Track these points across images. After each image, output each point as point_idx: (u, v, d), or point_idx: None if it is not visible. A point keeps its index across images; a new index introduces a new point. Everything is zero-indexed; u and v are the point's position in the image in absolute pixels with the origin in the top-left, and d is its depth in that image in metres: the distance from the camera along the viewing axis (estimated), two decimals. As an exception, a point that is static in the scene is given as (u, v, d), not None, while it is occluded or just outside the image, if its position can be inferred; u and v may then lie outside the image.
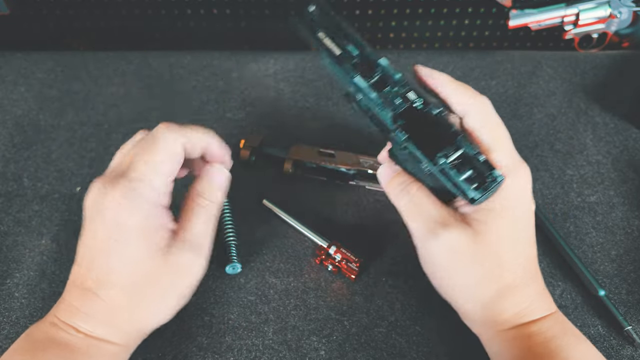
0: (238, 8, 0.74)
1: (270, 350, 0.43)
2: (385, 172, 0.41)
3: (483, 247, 0.36)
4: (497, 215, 0.36)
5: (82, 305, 0.36)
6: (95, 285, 0.36)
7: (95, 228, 0.36)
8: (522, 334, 0.37)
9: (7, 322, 0.44)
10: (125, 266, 0.36)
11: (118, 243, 0.35)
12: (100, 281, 0.36)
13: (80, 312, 0.36)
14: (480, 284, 0.36)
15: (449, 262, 0.36)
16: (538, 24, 0.65)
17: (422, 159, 0.34)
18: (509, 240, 0.37)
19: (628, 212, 0.53)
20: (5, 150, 0.55)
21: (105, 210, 0.35)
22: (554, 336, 0.36)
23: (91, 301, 0.36)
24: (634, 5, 0.65)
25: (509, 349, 0.37)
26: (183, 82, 0.62)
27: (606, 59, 0.67)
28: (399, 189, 0.39)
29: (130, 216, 0.35)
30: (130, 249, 0.36)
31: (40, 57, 0.63)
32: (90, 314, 0.36)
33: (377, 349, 0.43)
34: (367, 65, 0.35)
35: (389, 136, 0.37)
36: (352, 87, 0.36)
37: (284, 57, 0.65)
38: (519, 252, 0.37)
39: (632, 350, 0.44)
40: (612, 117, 0.61)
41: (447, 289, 0.38)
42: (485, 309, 0.37)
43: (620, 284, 0.48)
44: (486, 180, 0.33)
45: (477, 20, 0.77)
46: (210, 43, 0.79)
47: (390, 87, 0.35)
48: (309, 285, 0.47)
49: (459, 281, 0.37)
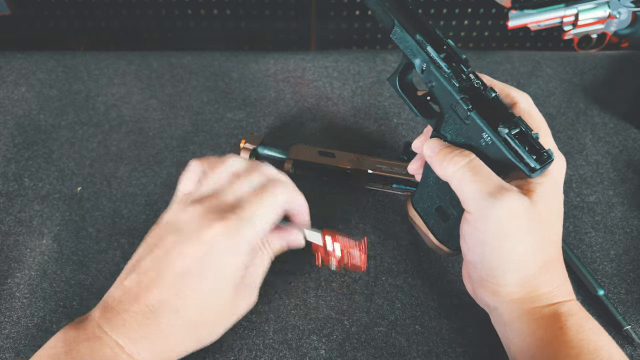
0: (238, 8, 0.74)
1: (271, 349, 0.43)
2: (435, 143, 0.40)
3: (539, 216, 0.36)
4: (547, 190, 0.37)
5: (140, 327, 0.34)
6: (161, 306, 0.35)
7: (185, 251, 0.35)
8: (554, 313, 0.37)
9: (8, 322, 0.44)
10: (203, 299, 0.36)
11: (207, 269, 0.35)
12: (170, 307, 0.35)
13: (136, 333, 0.34)
14: (530, 253, 0.36)
15: (507, 227, 0.36)
16: (537, 24, 0.66)
17: (486, 128, 0.36)
18: (556, 215, 0.38)
19: (627, 212, 0.53)
20: (6, 150, 0.55)
21: (206, 238, 0.35)
22: (582, 318, 0.37)
23: (150, 326, 0.35)
24: (633, 6, 0.65)
25: (539, 327, 0.37)
26: (183, 82, 0.62)
27: (605, 59, 0.67)
28: (453, 154, 0.38)
29: (230, 253, 0.36)
30: (216, 285, 0.36)
31: (41, 57, 0.63)
32: (144, 338, 0.35)
33: (377, 348, 0.43)
34: (435, 41, 0.39)
35: (448, 111, 0.38)
36: (421, 58, 0.39)
37: (284, 57, 0.65)
38: (559, 230, 0.39)
39: (632, 349, 0.44)
40: (611, 117, 0.61)
41: (493, 257, 0.37)
42: (526, 282, 0.37)
43: (619, 283, 0.48)
44: (542, 155, 0.35)
45: (477, 21, 0.78)
46: (210, 43, 0.79)
47: (456, 64, 0.38)
48: (309, 284, 0.47)
49: (511, 249, 0.36)
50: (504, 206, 0.35)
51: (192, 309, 0.36)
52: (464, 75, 0.38)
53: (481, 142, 0.37)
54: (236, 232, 0.36)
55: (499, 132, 0.35)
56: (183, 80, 0.62)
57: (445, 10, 0.76)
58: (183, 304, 0.35)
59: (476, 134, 0.37)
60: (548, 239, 0.37)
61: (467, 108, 0.36)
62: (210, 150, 0.56)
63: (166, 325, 0.35)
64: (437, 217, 0.43)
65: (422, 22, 0.40)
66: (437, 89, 0.39)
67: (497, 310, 0.39)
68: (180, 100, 0.61)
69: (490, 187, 0.36)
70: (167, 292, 0.35)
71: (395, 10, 0.40)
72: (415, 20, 0.40)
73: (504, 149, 0.35)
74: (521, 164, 0.35)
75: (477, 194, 0.36)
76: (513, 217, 0.35)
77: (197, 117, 0.59)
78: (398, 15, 0.40)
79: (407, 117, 0.60)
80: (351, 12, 0.76)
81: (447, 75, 0.38)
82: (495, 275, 0.37)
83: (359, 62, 0.65)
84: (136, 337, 0.35)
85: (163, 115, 0.59)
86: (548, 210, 0.37)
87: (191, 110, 0.60)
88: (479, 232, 0.37)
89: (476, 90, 0.38)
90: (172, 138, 0.57)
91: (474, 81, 0.38)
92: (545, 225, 0.37)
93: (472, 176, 0.36)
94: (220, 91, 0.61)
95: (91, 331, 0.35)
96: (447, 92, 0.38)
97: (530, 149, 0.35)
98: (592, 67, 0.66)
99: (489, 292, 0.38)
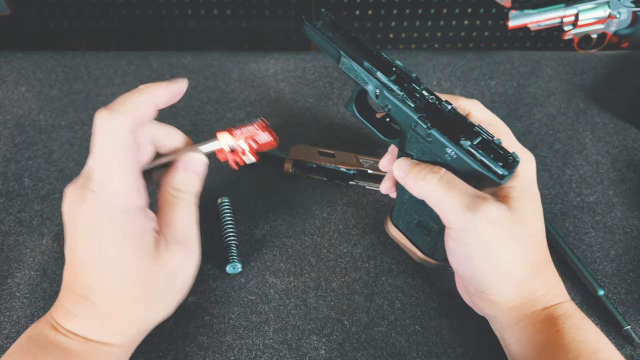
0: (238, 8, 0.74)
1: (271, 349, 0.43)
2: (403, 163, 0.39)
3: (519, 220, 0.36)
4: (522, 192, 0.37)
5: (78, 311, 0.35)
6: (87, 291, 0.35)
7: (77, 239, 0.35)
8: (551, 316, 0.37)
9: (8, 322, 0.44)
10: (114, 274, 0.35)
11: (101, 253, 0.34)
12: (91, 288, 0.35)
13: (77, 317, 0.35)
14: (519, 259, 0.36)
15: (490, 238, 0.36)
16: (537, 24, 0.66)
17: (448, 144, 0.36)
18: (535, 216, 0.38)
19: (627, 211, 0.53)
20: (6, 150, 0.55)
21: (80, 222, 0.35)
22: (579, 320, 0.37)
23: (86, 307, 0.35)
24: (633, 6, 0.65)
25: (538, 331, 0.37)
26: (183, 82, 0.62)
27: (605, 59, 0.67)
28: (424, 173, 0.37)
29: (105, 227, 0.34)
30: (115, 258, 0.35)
31: (41, 57, 0.63)
32: (87, 319, 0.35)
33: (377, 348, 0.43)
34: (383, 65, 0.39)
35: (409, 131, 0.38)
36: (373, 84, 0.39)
37: (284, 57, 0.65)
38: (542, 228, 0.38)
39: (632, 349, 0.44)
40: (611, 117, 0.61)
41: (484, 269, 0.37)
42: (519, 288, 0.37)
43: (619, 283, 0.48)
44: (508, 160, 0.35)
45: (477, 21, 0.78)
46: (210, 43, 0.79)
47: (407, 84, 0.38)
48: (309, 284, 0.47)
49: (498, 258, 0.36)
50: (483, 218, 0.35)
51: (114, 284, 0.35)
52: (418, 93, 0.38)
53: (446, 157, 0.37)
54: (96, 204, 0.34)
55: (462, 145, 0.36)
56: (183, 80, 0.62)
57: (445, 10, 0.76)
58: (108, 285, 0.35)
59: (440, 149, 0.37)
60: (533, 241, 0.37)
61: (427, 126, 0.36)
62: (210, 150, 0.56)
63: (101, 304, 0.35)
64: (419, 231, 0.43)
65: (367, 47, 0.40)
66: (394, 111, 0.39)
67: (497, 319, 0.39)
68: (180, 100, 0.60)
69: (466, 200, 0.36)
70: (88, 279, 0.35)
71: (339, 41, 0.40)
72: (360, 48, 0.40)
73: (470, 161, 0.36)
74: (489, 173, 0.35)
75: (455, 209, 0.36)
76: (494, 227, 0.35)
77: (197, 117, 0.59)
78: (342, 45, 0.40)
79: (407, 117, 0.60)
80: (351, 12, 0.76)
81: (401, 97, 0.38)
82: (489, 287, 0.37)
83: (359, 62, 0.65)
84: (81, 322, 0.35)
85: (163, 115, 0.59)
86: (527, 212, 0.37)
87: (191, 110, 0.60)
88: (464, 247, 0.37)
89: (432, 107, 0.38)
90: (172, 138, 0.57)
91: (428, 97, 0.38)
92: (527, 228, 0.37)
93: (447, 192, 0.36)
94: (220, 91, 0.61)
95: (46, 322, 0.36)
96: (405, 114, 0.38)
97: (496, 156, 0.35)
98: (592, 67, 0.66)
99: (486, 302, 0.38)
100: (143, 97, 0.37)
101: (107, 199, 0.34)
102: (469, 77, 0.64)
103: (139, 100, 0.36)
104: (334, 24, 0.41)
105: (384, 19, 0.76)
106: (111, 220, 0.34)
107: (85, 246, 0.35)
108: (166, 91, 0.38)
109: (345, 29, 0.41)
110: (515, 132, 0.60)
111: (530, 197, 0.38)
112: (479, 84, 0.64)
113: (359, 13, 0.76)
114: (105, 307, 0.35)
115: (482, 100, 0.62)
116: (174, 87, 0.39)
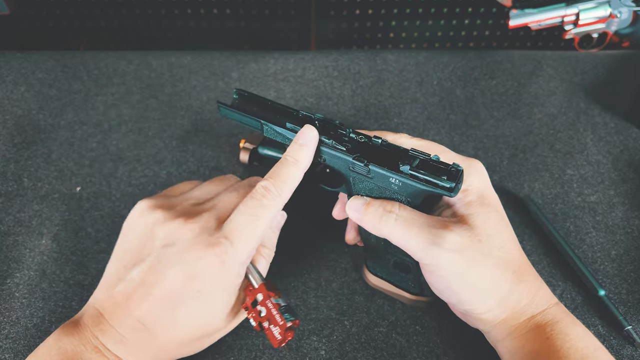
0: (238, 8, 0.74)
1: (271, 349, 0.43)
2: (356, 203, 0.39)
3: (485, 237, 0.36)
4: (479, 205, 0.37)
5: (136, 341, 0.35)
6: (152, 322, 0.35)
7: (174, 274, 0.35)
8: (539, 324, 0.37)
9: (7, 322, 0.44)
10: (196, 320, 0.36)
11: (199, 295, 0.35)
12: (163, 324, 0.35)
13: (133, 345, 0.35)
14: (495, 275, 0.36)
15: (461, 265, 0.36)
16: (538, 23, 0.65)
17: (390, 174, 0.36)
18: (499, 226, 0.38)
19: (628, 211, 0.53)
20: (6, 150, 0.55)
21: (195, 261, 0.35)
22: (568, 325, 0.37)
23: (146, 339, 0.35)
24: (634, 5, 0.65)
25: (528, 341, 0.37)
26: (183, 82, 0.62)
27: (606, 58, 0.67)
28: (380, 213, 0.37)
29: (222, 276, 0.35)
30: (208, 305, 0.36)
31: (41, 57, 0.63)
32: (141, 350, 0.35)
33: (378, 348, 0.43)
34: (306, 121, 0.40)
35: (350, 174, 0.39)
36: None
37: (284, 57, 0.65)
38: (511, 235, 0.38)
39: (632, 350, 0.44)
40: (612, 117, 0.61)
41: (465, 293, 0.37)
42: (506, 300, 0.37)
43: (620, 283, 0.48)
44: (451, 172, 0.35)
45: (477, 20, 0.78)
46: (210, 43, 0.79)
47: (333, 131, 0.39)
48: (309, 285, 0.47)
49: (475, 281, 0.36)
50: (448, 250, 0.35)
51: (187, 331, 0.36)
52: (346, 137, 0.39)
53: (393, 187, 0.37)
54: (230, 258, 0.35)
55: (403, 170, 0.36)
56: (182, 79, 0.62)
57: (446, 9, 0.76)
58: (182, 328, 0.35)
59: (384, 182, 0.37)
60: (504, 251, 0.37)
61: (364, 164, 0.37)
62: (210, 150, 0.56)
63: (162, 338, 0.35)
64: (398, 272, 0.43)
65: (285, 110, 0.41)
66: (329, 160, 0.40)
67: (490, 333, 0.39)
68: (180, 100, 0.61)
69: (428, 235, 0.36)
70: (158, 311, 0.35)
71: (257, 113, 0.42)
72: (279, 112, 0.41)
73: (415, 183, 0.36)
74: (438, 190, 0.35)
75: (420, 247, 0.36)
76: (462, 254, 0.35)
77: (197, 117, 0.59)
78: (262, 115, 0.41)
79: (408, 117, 0.60)
80: (351, 12, 0.76)
81: (331, 145, 0.39)
82: (475, 307, 0.37)
83: (359, 61, 0.65)
84: (135, 352, 0.35)
85: (162, 115, 0.59)
86: (489, 225, 0.37)
87: (191, 110, 0.59)
88: (440, 278, 0.37)
89: (364, 145, 0.38)
90: (171, 138, 0.57)
91: (357, 138, 0.39)
92: (494, 240, 0.37)
93: (407, 231, 0.36)
94: (220, 91, 0.61)
95: (88, 342, 0.35)
96: (340, 159, 0.39)
97: (437, 171, 0.35)
98: (593, 67, 0.66)
99: (476, 321, 0.39)
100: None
101: (240, 255, 0.36)
102: (470, 76, 0.64)
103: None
104: (250, 98, 0.42)
105: (384, 18, 0.76)
106: (230, 271, 0.36)
107: (184, 281, 0.35)
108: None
109: (261, 99, 0.42)
110: (516, 132, 0.60)
111: (489, 207, 0.38)
112: (479, 83, 0.64)
113: (359, 12, 0.76)
114: (164, 342, 0.35)
115: (483, 100, 0.62)
116: None
